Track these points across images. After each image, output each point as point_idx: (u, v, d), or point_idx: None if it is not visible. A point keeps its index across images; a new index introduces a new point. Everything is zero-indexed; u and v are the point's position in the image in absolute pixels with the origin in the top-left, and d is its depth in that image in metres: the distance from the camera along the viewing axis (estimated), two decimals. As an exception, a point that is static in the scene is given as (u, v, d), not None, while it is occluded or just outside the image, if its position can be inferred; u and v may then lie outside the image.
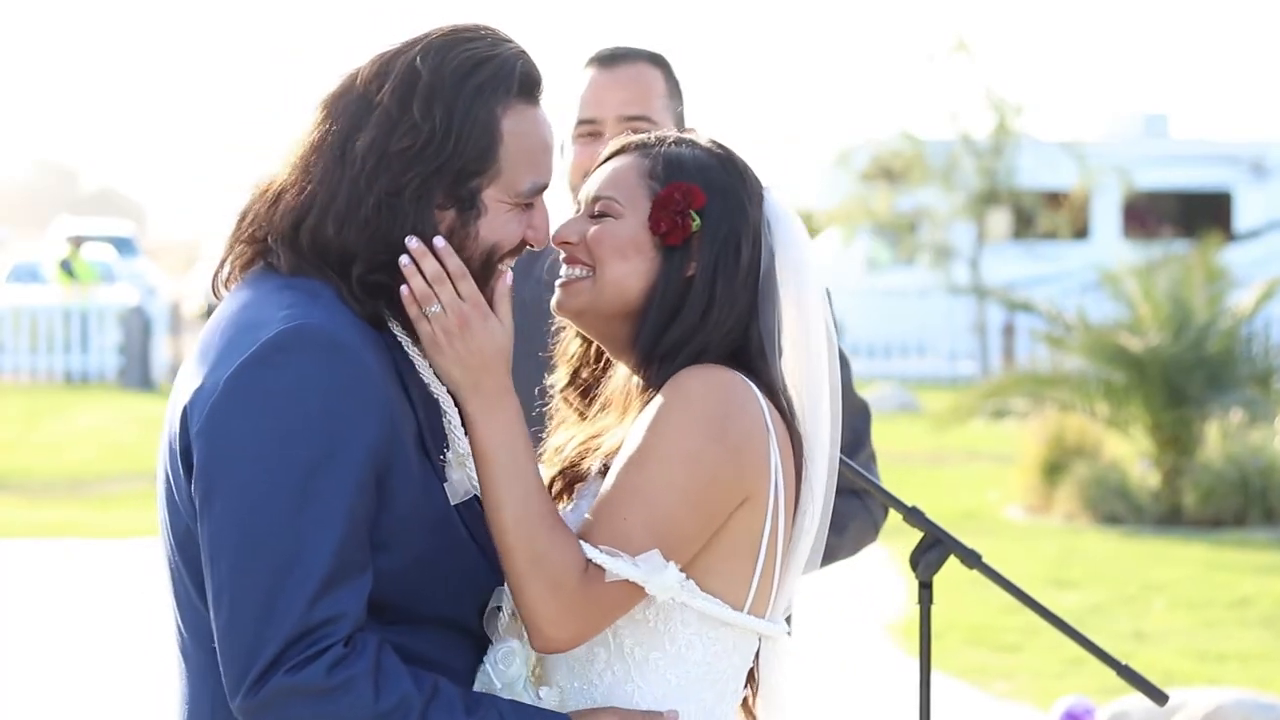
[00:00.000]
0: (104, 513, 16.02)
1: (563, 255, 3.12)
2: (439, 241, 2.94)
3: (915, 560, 3.53)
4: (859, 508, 4.34)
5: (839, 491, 4.33)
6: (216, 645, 2.86)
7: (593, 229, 3.08)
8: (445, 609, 2.99)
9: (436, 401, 3.02)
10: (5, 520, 15.61)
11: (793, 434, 3.06)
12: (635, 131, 3.27)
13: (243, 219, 3.04)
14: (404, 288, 2.94)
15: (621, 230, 3.07)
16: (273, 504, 2.82)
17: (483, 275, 2.99)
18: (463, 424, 3.01)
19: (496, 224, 2.99)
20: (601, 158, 3.17)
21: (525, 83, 3.00)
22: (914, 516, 3.53)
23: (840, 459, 3.71)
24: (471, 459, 3.00)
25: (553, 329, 3.26)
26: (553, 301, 3.11)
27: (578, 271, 3.09)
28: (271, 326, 2.88)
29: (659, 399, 2.98)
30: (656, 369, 3.03)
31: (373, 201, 2.93)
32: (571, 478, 3.11)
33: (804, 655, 4.56)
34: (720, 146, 3.13)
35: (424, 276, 2.94)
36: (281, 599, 2.80)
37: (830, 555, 4.32)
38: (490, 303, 2.98)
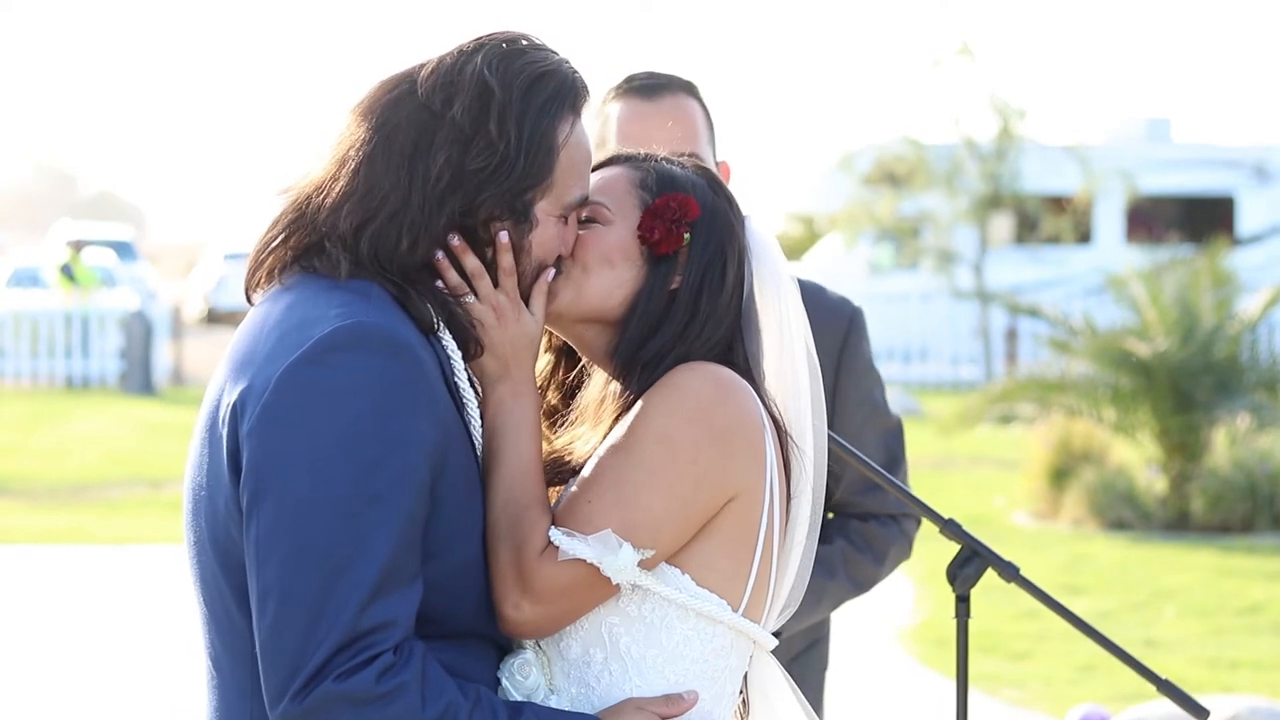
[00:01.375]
0: (105, 518, 15.98)
1: None
2: (503, 237, 2.94)
3: (953, 574, 3.45)
4: (896, 533, 4.28)
5: (877, 517, 4.25)
6: (258, 649, 2.78)
7: (579, 233, 3.06)
8: (480, 621, 2.93)
9: (464, 406, 2.97)
10: (6, 526, 15.57)
11: (784, 443, 3.03)
12: None
13: (279, 222, 2.98)
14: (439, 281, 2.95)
15: (609, 236, 3.06)
16: (327, 505, 2.75)
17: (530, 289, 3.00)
18: (481, 414, 2.98)
19: (545, 237, 2.99)
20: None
21: (583, 96, 3.01)
22: (951, 529, 3.46)
23: (881, 473, 3.65)
24: None
25: None
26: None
27: (558, 273, 3.05)
28: (325, 324, 2.82)
29: (649, 394, 2.95)
30: (638, 376, 3.01)
31: (444, 220, 2.91)
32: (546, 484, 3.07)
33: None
34: (707, 171, 3.14)
35: (464, 270, 2.95)
36: (332, 603, 2.73)
37: (870, 583, 4.26)
38: (528, 294, 2.99)
